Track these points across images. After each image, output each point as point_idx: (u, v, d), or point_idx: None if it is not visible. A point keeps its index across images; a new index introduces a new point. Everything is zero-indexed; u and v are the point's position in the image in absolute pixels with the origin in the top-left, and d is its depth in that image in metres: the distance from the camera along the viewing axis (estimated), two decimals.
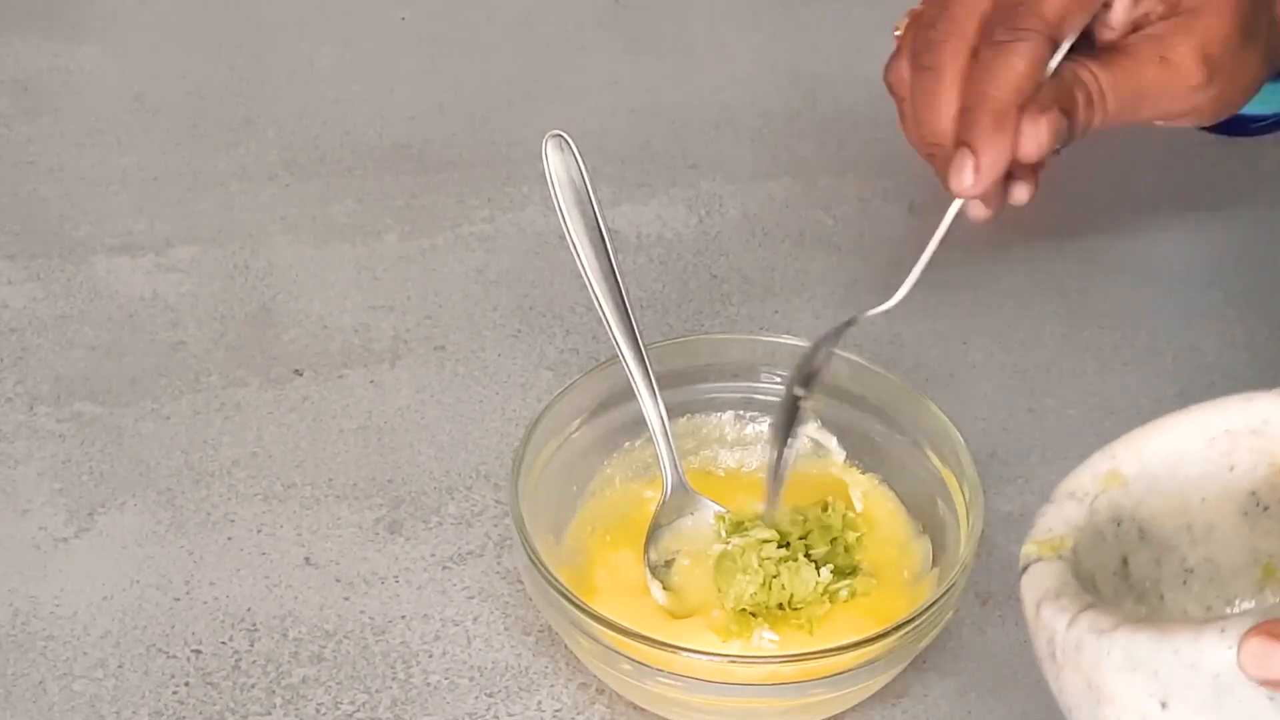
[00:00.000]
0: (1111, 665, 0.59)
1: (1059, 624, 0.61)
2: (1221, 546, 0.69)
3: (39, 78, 1.13)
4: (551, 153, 0.82)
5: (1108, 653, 0.59)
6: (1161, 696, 0.58)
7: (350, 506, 0.88)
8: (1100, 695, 0.59)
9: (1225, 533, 0.69)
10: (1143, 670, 0.58)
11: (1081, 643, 0.60)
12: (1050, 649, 0.61)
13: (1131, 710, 0.59)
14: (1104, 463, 0.68)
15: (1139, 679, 0.58)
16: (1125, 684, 0.58)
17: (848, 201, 1.06)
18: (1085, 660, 0.60)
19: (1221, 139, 1.05)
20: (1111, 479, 0.67)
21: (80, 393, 0.93)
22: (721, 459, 0.87)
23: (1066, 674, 0.61)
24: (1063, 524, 0.66)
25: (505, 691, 0.80)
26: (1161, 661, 0.57)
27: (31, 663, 0.80)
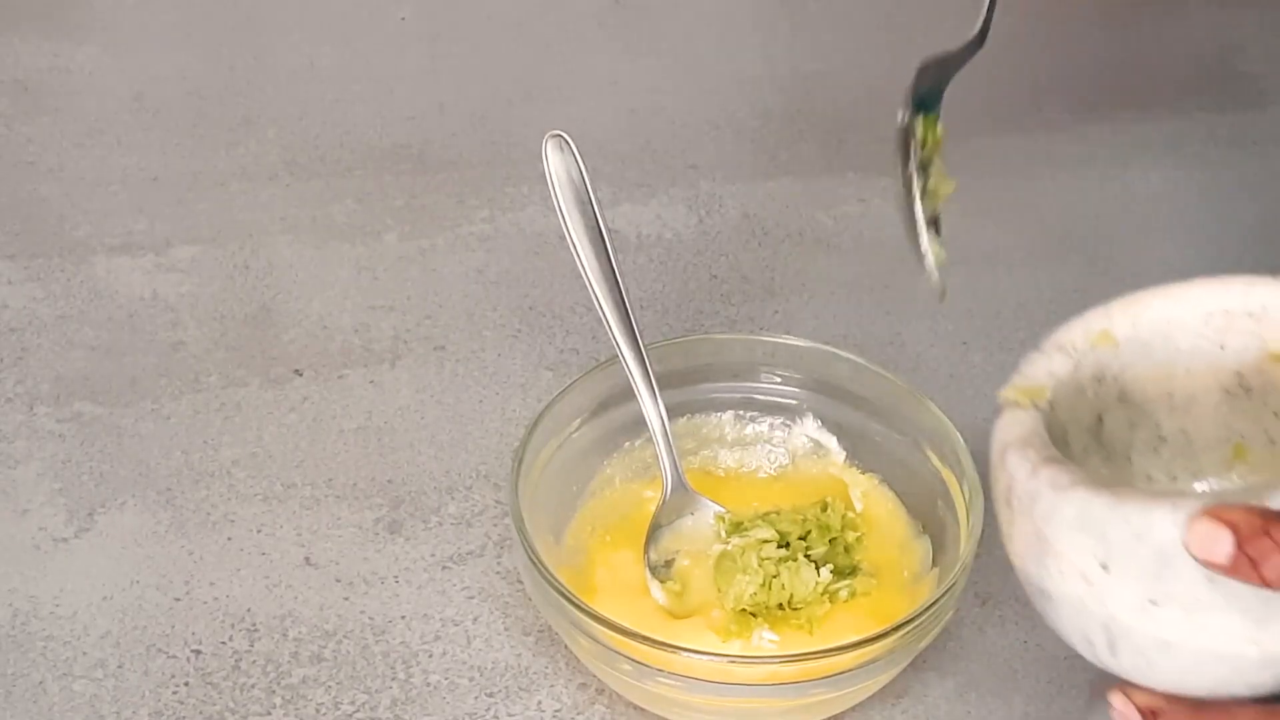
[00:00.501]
0: (1062, 521, 0.60)
1: (1020, 472, 0.62)
2: (1198, 420, 0.70)
3: (39, 78, 1.13)
4: (551, 153, 0.82)
5: (1061, 509, 0.60)
6: (1104, 558, 0.59)
7: (350, 506, 0.88)
8: (1047, 548, 0.60)
9: (1204, 407, 0.70)
10: (1091, 531, 0.59)
11: (1038, 494, 0.61)
12: (1007, 495, 0.62)
13: (1073, 567, 0.59)
14: (1099, 321, 0.68)
15: (1086, 539, 0.59)
16: (1072, 542, 0.59)
17: (848, 201, 1.06)
18: (1038, 512, 0.60)
19: None
20: (1104, 338, 0.68)
21: (80, 393, 0.93)
22: (721, 459, 0.87)
23: (1019, 521, 0.62)
24: (1046, 374, 0.67)
25: (505, 691, 0.80)
26: (1110, 526, 0.58)
27: (31, 663, 0.80)
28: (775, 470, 0.87)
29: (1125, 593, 0.59)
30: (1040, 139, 1.11)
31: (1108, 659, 0.60)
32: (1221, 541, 0.55)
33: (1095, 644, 0.60)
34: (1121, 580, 0.58)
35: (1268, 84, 1.17)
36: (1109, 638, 0.60)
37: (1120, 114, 1.13)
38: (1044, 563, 0.61)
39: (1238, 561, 0.55)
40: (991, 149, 1.11)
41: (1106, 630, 0.60)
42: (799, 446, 0.87)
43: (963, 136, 1.12)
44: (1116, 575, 0.59)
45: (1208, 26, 1.21)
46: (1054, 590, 0.61)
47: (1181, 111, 1.13)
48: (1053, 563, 0.60)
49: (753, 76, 1.16)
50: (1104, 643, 0.60)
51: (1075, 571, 0.59)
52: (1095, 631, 0.60)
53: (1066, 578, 0.60)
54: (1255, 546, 0.55)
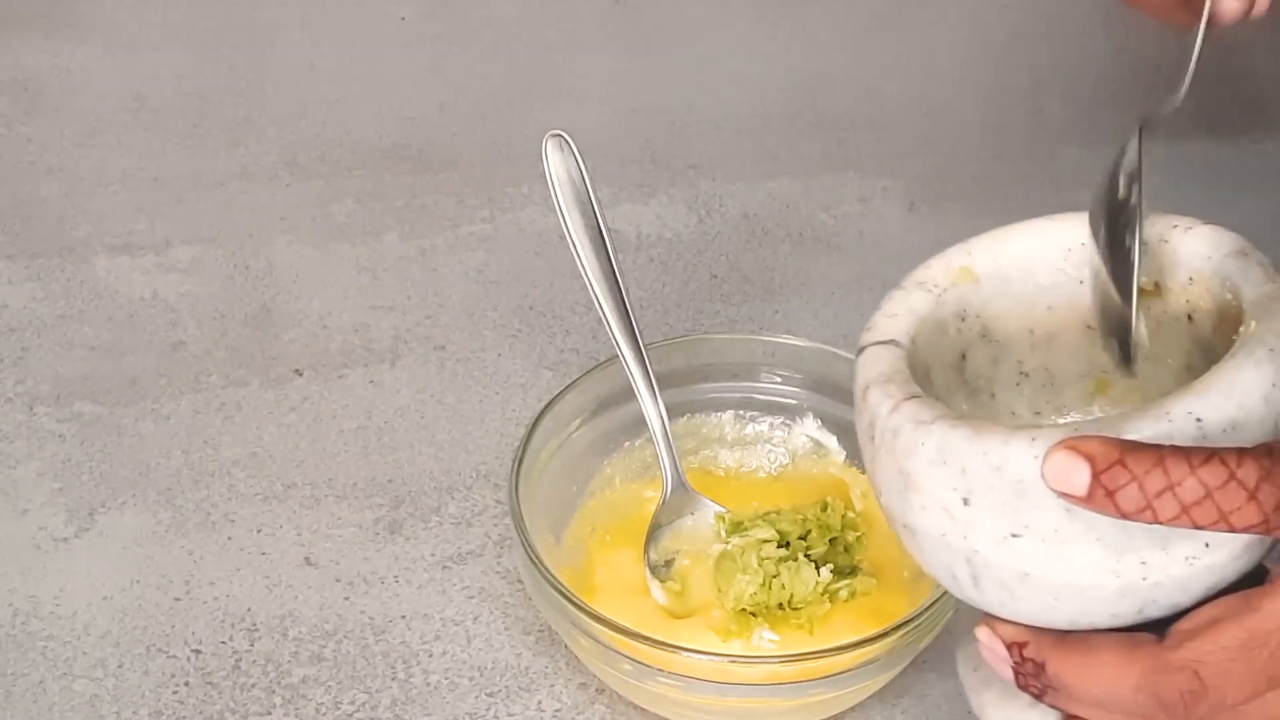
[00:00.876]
0: (923, 456, 0.60)
1: (882, 409, 0.62)
2: (1060, 356, 0.70)
3: (39, 78, 1.13)
4: (551, 153, 0.82)
5: (922, 443, 0.60)
6: (965, 493, 0.59)
7: (350, 506, 0.88)
8: (909, 483, 0.60)
9: (1066, 343, 0.70)
10: (951, 465, 0.59)
11: (899, 430, 0.61)
12: (870, 432, 0.62)
13: (935, 502, 0.60)
14: (959, 258, 0.69)
15: (946, 473, 0.59)
16: (933, 476, 0.60)
17: (848, 201, 1.06)
18: (900, 447, 0.61)
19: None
20: (964, 274, 0.68)
21: (80, 393, 0.93)
22: (721, 459, 0.87)
23: (881, 458, 0.62)
24: (907, 311, 0.67)
25: (505, 691, 0.80)
26: (970, 460, 0.58)
27: (31, 663, 0.80)
28: (775, 470, 0.87)
29: (986, 526, 0.59)
30: (1040, 138, 1.11)
31: (971, 592, 0.61)
32: (1078, 473, 0.56)
33: (959, 578, 0.61)
34: (982, 514, 0.59)
35: (1268, 84, 1.17)
36: (972, 571, 0.60)
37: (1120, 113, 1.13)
38: (906, 498, 0.61)
39: (1094, 493, 0.56)
40: (992, 149, 1.11)
41: (969, 564, 0.60)
42: (799, 446, 0.87)
43: (963, 136, 1.12)
44: (977, 509, 0.59)
45: None
46: (917, 525, 0.61)
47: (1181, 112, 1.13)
48: (915, 498, 0.60)
49: (753, 76, 1.16)
50: (967, 576, 0.60)
51: (937, 506, 0.60)
52: (958, 565, 0.60)
53: (929, 512, 0.60)
54: (1111, 477, 0.55)
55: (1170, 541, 0.57)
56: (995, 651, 0.61)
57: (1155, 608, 0.58)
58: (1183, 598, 0.58)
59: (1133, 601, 0.58)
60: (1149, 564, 0.58)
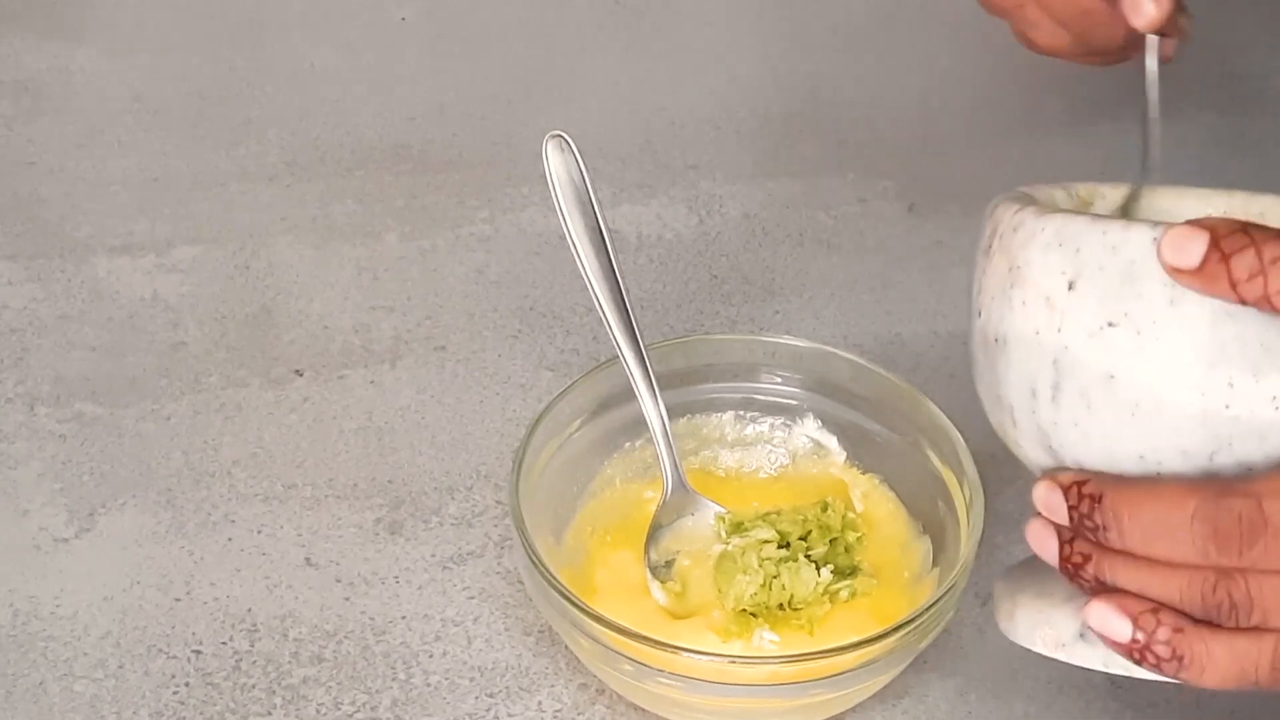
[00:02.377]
0: (1040, 242, 0.61)
1: (1006, 213, 0.63)
2: None
3: (39, 78, 1.13)
4: (551, 153, 0.82)
5: (1042, 229, 0.61)
6: (1072, 275, 0.60)
7: (350, 507, 0.88)
8: (1015, 278, 0.61)
9: None
10: (1066, 247, 0.60)
11: (1021, 223, 0.62)
12: (989, 241, 0.63)
13: (1037, 290, 0.60)
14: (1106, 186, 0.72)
15: (1057, 256, 0.60)
16: (1043, 262, 0.61)
17: (848, 201, 1.06)
18: (1017, 240, 0.62)
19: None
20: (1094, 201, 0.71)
21: (80, 393, 0.93)
22: (721, 459, 0.87)
23: (994, 261, 0.63)
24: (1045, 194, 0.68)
25: (505, 692, 0.80)
26: (1087, 240, 0.60)
27: (32, 663, 0.80)
28: (775, 470, 0.87)
29: (1085, 313, 0.59)
30: (1040, 138, 1.12)
31: (1047, 409, 0.61)
32: (1196, 241, 0.56)
33: (1039, 391, 0.61)
34: (1084, 298, 0.59)
35: (1267, 84, 1.17)
36: (1055, 377, 0.60)
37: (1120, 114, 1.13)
38: (1009, 296, 0.61)
39: (1208, 262, 0.55)
40: (991, 148, 1.11)
41: (1055, 368, 0.60)
42: (799, 447, 0.87)
43: (962, 136, 1.12)
44: (1080, 293, 0.59)
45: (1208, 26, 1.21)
46: (1010, 329, 0.61)
47: (1181, 113, 1.13)
48: (1018, 293, 0.61)
49: (753, 76, 1.16)
50: (1048, 386, 0.60)
51: (1039, 296, 0.60)
52: (1043, 372, 0.60)
53: (1029, 307, 0.61)
54: (1230, 241, 0.55)
55: (1261, 367, 0.57)
56: (1051, 500, 0.60)
57: (1228, 453, 0.58)
58: (1258, 451, 0.57)
59: (1208, 436, 0.58)
60: (1235, 388, 0.57)
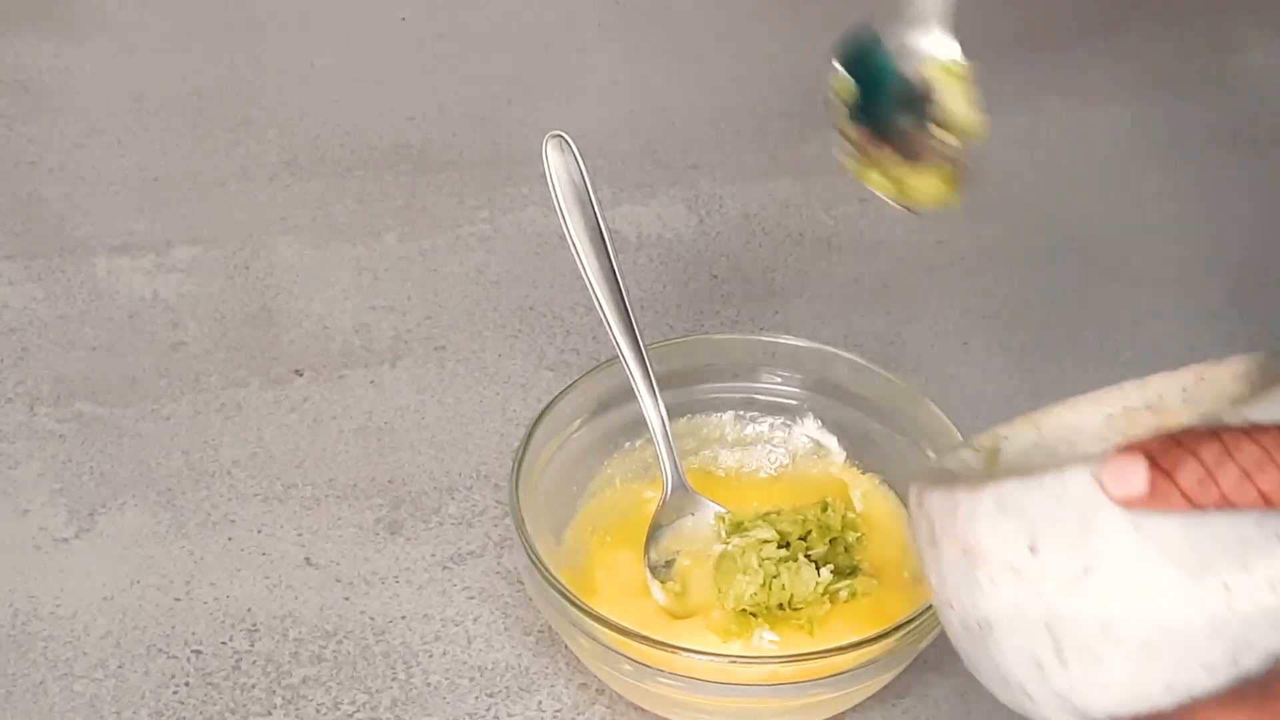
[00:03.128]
0: (983, 515, 0.59)
1: (938, 500, 0.62)
2: None
3: (39, 78, 1.13)
4: (551, 153, 0.82)
5: (979, 503, 0.59)
6: (1030, 539, 0.58)
7: (350, 507, 0.88)
8: (973, 558, 0.60)
9: None
10: (1011, 513, 0.58)
11: (957, 505, 0.60)
12: (930, 534, 0.62)
13: (1000, 563, 0.59)
14: (1002, 429, 0.69)
15: (1008, 524, 0.59)
16: (995, 534, 0.59)
17: (848, 201, 1.06)
18: (960, 521, 0.60)
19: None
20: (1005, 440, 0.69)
21: (81, 393, 0.93)
22: (721, 459, 0.87)
23: (944, 550, 0.61)
24: (958, 464, 0.67)
25: (505, 691, 0.80)
26: (1030, 500, 0.58)
27: (32, 663, 0.80)
28: (775, 470, 0.87)
29: (1057, 570, 0.58)
30: (1041, 139, 1.11)
31: (1059, 676, 0.59)
32: (1136, 468, 0.55)
33: (1043, 660, 0.59)
34: (1051, 558, 0.58)
35: (1267, 84, 1.17)
36: (1054, 640, 0.59)
37: (1120, 114, 1.13)
38: (974, 579, 0.60)
39: (1155, 482, 0.55)
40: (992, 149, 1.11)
41: (1050, 631, 0.59)
42: (799, 446, 0.87)
43: None
44: (1045, 552, 0.58)
45: (1207, 26, 1.21)
46: (990, 608, 0.60)
47: (1181, 112, 1.13)
48: (981, 572, 0.60)
49: (753, 76, 1.16)
50: (1050, 650, 0.59)
51: (1005, 569, 0.59)
52: (1039, 641, 0.59)
53: (998, 583, 0.59)
54: (1169, 458, 0.54)
55: (1249, 559, 0.56)
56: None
57: (1251, 654, 0.57)
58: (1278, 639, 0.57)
59: (1225, 644, 0.57)
60: (1232, 588, 0.56)
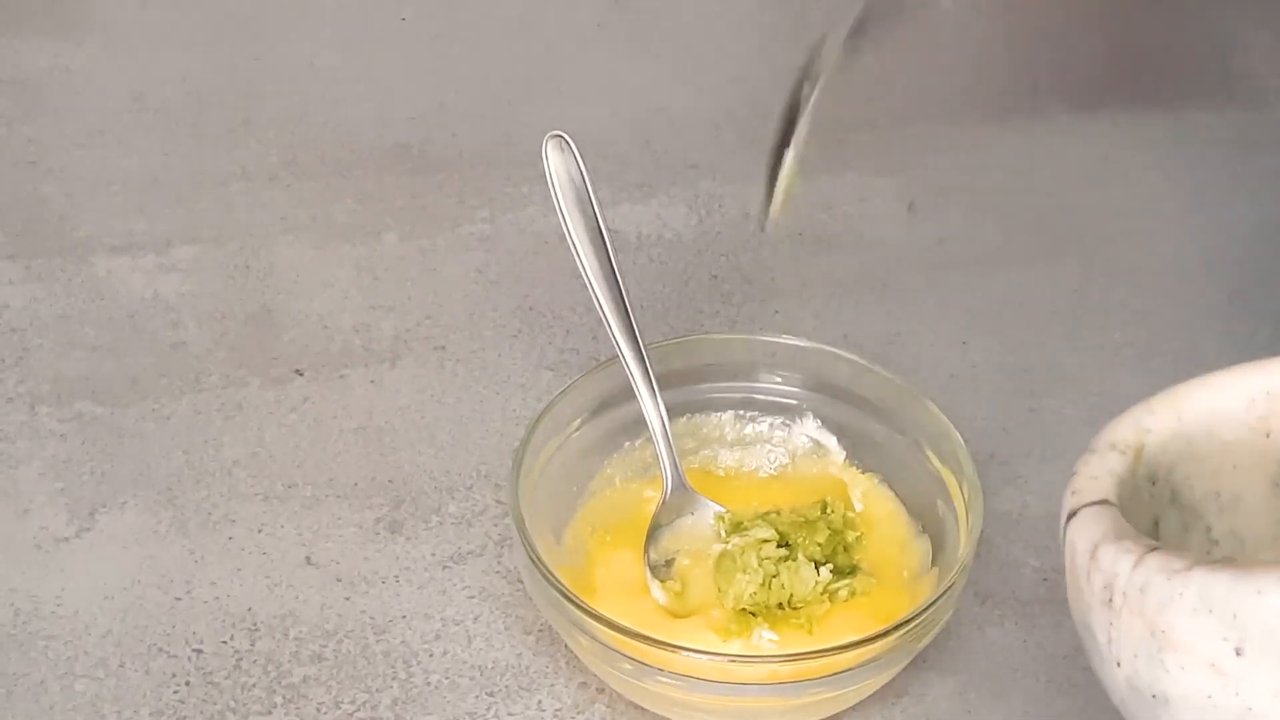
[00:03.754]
0: (1183, 608, 0.55)
1: (1122, 566, 0.57)
2: (1247, 517, 0.66)
3: (39, 78, 1.13)
4: (551, 153, 0.82)
5: (1179, 594, 0.55)
6: (1237, 642, 0.54)
7: (351, 506, 0.88)
8: (1164, 642, 0.56)
9: (1253, 504, 0.66)
10: (1219, 612, 0.54)
11: (1148, 585, 0.56)
12: (1108, 594, 0.57)
13: (1199, 657, 0.55)
14: (1144, 417, 0.65)
15: (1213, 622, 0.54)
16: (1196, 628, 0.55)
17: (848, 201, 1.06)
18: (1150, 603, 0.56)
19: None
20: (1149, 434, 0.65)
21: (81, 393, 0.93)
22: (721, 459, 0.87)
23: (1125, 620, 0.57)
24: (1107, 474, 0.63)
25: (505, 691, 0.80)
26: (1242, 603, 0.54)
27: (32, 662, 0.80)
28: (775, 470, 0.87)
29: (1263, 677, 0.54)
30: (1040, 138, 1.11)
31: None
32: None
33: None
34: (1258, 664, 0.54)
35: (1267, 84, 1.17)
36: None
37: (1120, 114, 1.13)
38: (1161, 659, 0.56)
39: None
40: (991, 149, 1.11)
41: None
42: (799, 446, 0.87)
43: (963, 136, 1.12)
44: (1252, 659, 0.54)
45: (1208, 26, 1.21)
46: (1173, 691, 0.56)
47: (1181, 111, 1.13)
48: (1173, 658, 0.56)
49: (753, 76, 1.16)
50: None
51: (1202, 663, 0.55)
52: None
53: (1189, 672, 0.55)
54: None
55: None
56: None
57: None
58: None
59: None
60: None
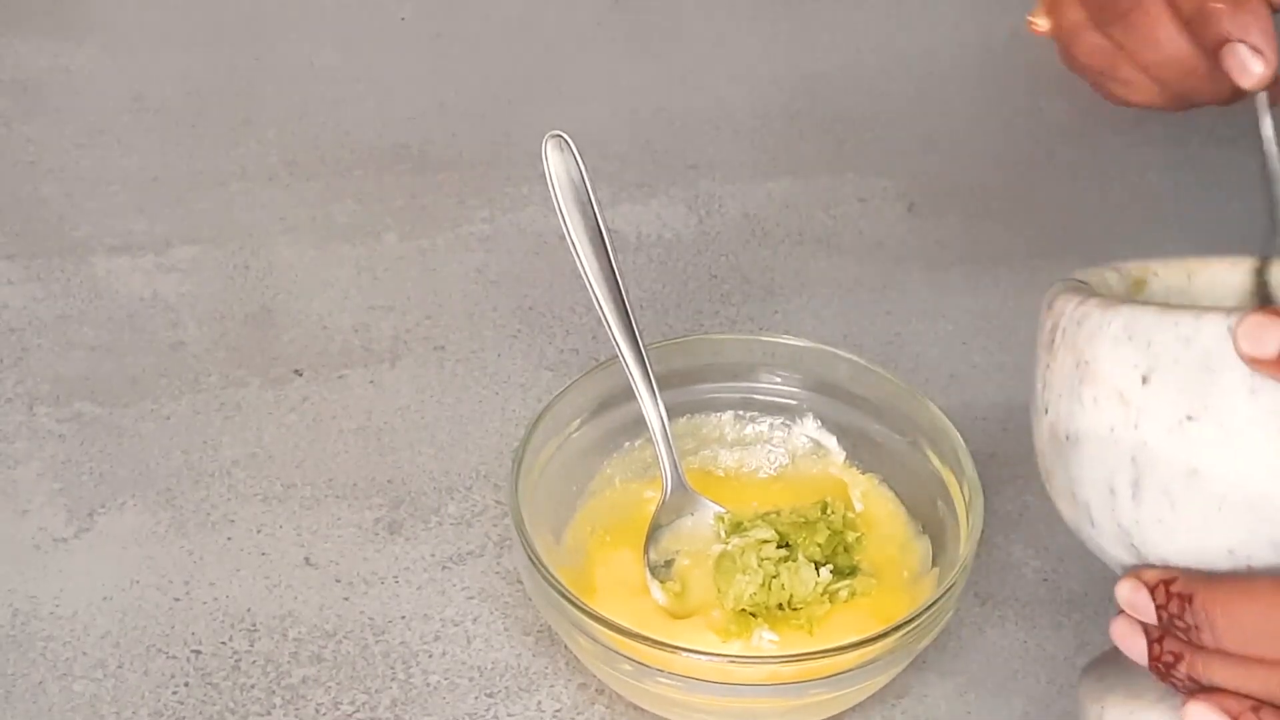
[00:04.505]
0: (1108, 336, 0.59)
1: (1069, 305, 0.62)
2: None
3: (39, 78, 1.13)
4: (551, 153, 0.82)
5: (1109, 323, 0.60)
6: (1145, 369, 0.58)
7: (350, 506, 0.88)
8: (1084, 373, 0.60)
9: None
10: (1137, 340, 0.58)
11: (1086, 316, 0.60)
12: (1051, 336, 0.62)
13: (1111, 388, 0.59)
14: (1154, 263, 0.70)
15: (1129, 350, 0.59)
16: (1113, 356, 0.59)
17: (848, 201, 1.06)
18: (1083, 334, 0.60)
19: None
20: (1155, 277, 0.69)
21: (80, 393, 0.93)
22: (721, 459, 0.87)
23: (1059, 357, 0.61)
24: (1098, 281, 0.67)
25: (505, 691, 0.80)
26: (1159, 333, 0.58)
27: (31, 663, 0.80)
28: (775, 470, 0.87)
29: (1162, 408, 0.58)
30: (1041, 138, 1.12)
31: (1128, 507, 0.59)
32: (1272, 330, 0.55)
33: (1117, 490, 0.59)
34: (1160, 393, 0.58)
35: None
36: (1135, 475, 0.59)
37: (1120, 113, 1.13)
38: (1079, 393, 0.60)
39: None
40: (992, 149, 1.11)
41: (1134, 464, 0.59)
42: (799, 446, 0.87)
43: (963, 136, 1.12)
44: (1155, 388, 0.58)
45: None
46: (1084, 426, 0.60)
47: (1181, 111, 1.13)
48: (1089, 389, 0.60)
49: (753, 76, 1.16)
50: (1127, 484, 0.59)
51: (1112, 392, 0.59)
52: (1121, 470, 0.59)
53: (1101, 404, 0.59)
54: None
55: None
56: (1137, 600, 0.58)
57: None
58: None
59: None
60: None
